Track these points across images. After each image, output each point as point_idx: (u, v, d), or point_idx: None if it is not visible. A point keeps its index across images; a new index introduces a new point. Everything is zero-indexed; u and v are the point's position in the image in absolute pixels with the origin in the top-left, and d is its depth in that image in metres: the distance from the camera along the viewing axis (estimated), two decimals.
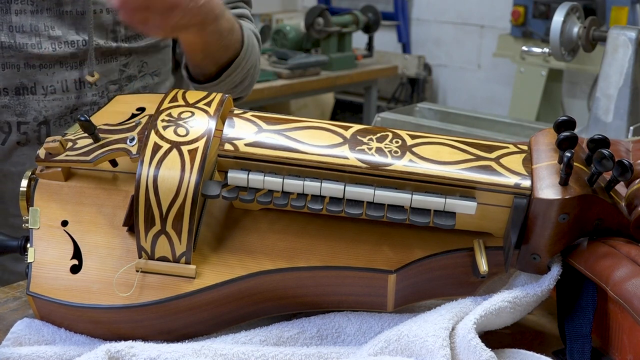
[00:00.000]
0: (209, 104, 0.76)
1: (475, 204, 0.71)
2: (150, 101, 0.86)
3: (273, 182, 0.72)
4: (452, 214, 0.71)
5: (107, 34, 1.09)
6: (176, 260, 0.72)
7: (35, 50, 1.04)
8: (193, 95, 0.77)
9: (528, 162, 0.72)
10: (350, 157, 0.72)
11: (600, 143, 0.70)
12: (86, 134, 0.77)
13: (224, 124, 0.75)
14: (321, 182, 0.72)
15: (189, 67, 1.15)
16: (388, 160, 0.72)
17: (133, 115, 0.83)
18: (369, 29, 3.64)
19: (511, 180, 0.70)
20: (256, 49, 1.20)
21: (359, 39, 3.85)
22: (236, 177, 0.72)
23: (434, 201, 0.71)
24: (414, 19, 4.39)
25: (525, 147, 0.75)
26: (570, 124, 0.73)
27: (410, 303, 0.76)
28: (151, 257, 0.72)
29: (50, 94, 1.06)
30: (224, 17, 1.04)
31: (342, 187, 0.72)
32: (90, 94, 1.09)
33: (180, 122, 0.73)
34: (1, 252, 0.80)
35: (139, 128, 0.76)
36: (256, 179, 0.72)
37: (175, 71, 1.28)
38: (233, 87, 1.17)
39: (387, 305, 0.75)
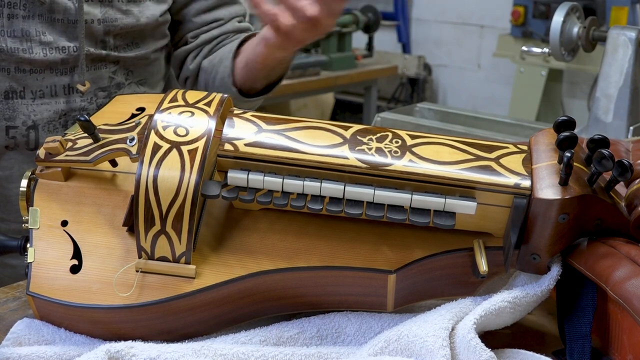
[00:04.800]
0: (208, 104, 0.76)
1: (475, 204, 0.71)
2: (150, 101, 0.86)
3: (273, 182, 0.72)
4: (452, 214, 0.71)
5: (96, 43, 1.09)
6: (176, 260, 0.72)
7: (26, 55, 1.04)
8: (193, 95, 0.77)
9: (528, 162, 0.72)
10: (350, 157, 0.72)
11: (600, 143, 0.70)
12: (86, 134, 0.77)
13: (223, 124, 0.75)
14: (321, 182, 0.72)
15: (238, 81, 1.17)
16: (388, 160, 0.72)
17: (133, 115, 0.83)
18: (369, 29, 3.64)
19: (511, 180, 0.70)
20: None
21: (359, 39, 3.85)
22: (236, 177, 0.72)
23: (433, 201, 0.71)
24: (414, 19, 4.39)
25: (525, 147, 0.75)
26: (570, 124, 0.73)
27: (410, 303, 0.76)
28: (151, 257, 0.72)
29: (39, 99, 1.06)
30: None
31: (342, 187, 0.72)
32: (79, 99, 1.09)
33: (180, 122, 0.73)
34: (1, 252, 0.80)
35: (138, 128, 0.76)
36: (256, 179, 0.72)
37: (166, 86, 1.28)
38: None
39: (387, 305, 0.75)
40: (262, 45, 1.09)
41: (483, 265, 0.71)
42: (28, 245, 0.75)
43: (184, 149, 0.72)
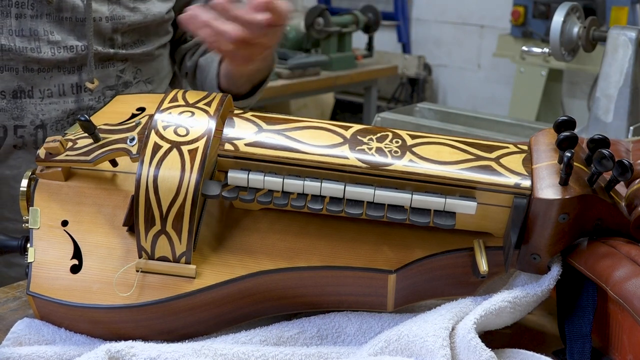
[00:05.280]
0: (209, 104, 0.76)
1: (475, 204, 0.71)
2: (150, 101, 0.86)
3: (273, 182, 0.72)
4: (452, 214, 0.71)
5: (104, 41, 1.09)
6: (176, 260, 0.72)
7: (35, 54, 1.04)
8: (193, 95, 0.77)
9: (528, 162, 0.72)
10: (351, 157, 0.72)
11: (600, 143, 0.70)
12: (86, 134, 0.77)
13: (224, 123, 0.75)
14: (321, 182, 0.72)
15: (222, 86, 1.16)
16: (388, 160, 0.72)
17: (133, 115, 0.83)
18: (369, 29, 3.64)
19: (511, 180, 0.70)
20: None
21: (359, 39, 3.85)
22: (236, 177, 0.72)
23: (434, 201, 0.71)
24: (414, 19, 4.39)
25: (525, 147, 0.75)
26: (570, 124, 0.73)
27: (410, 303, 0.76)
28: (151, 257, 0.72)
29: (47, 98, 1.07)
30: None
31: (342, 187, 0.72)
32: (87, 98, 1.09)
33: (181, 122, 0.73)
34: (1, 252, 0.80)
35: (139, 128, 0.76)
36: (256, 179, 0.72)
37: (172, 82, 1.28)
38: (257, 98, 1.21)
39: (387, 305, 0.75)
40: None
41: (483, 265, 0.71)
42: (28, 245, 0.75)
43: (184, 148, 0.72)
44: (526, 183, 0.70)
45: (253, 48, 0.93)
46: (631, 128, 1.44)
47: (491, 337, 0.69)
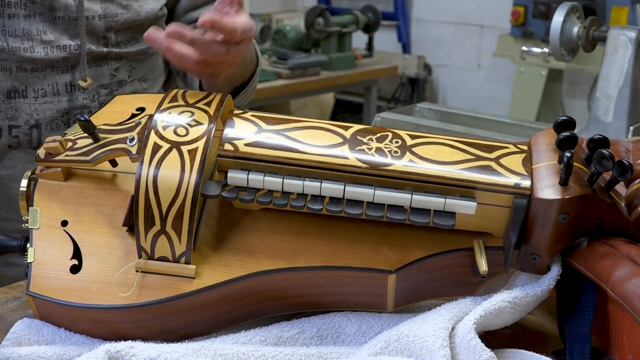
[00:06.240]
0: (208, 104, 0.76)
1: (475, 204, 0.71)
2: (150, 101, 0.86)
3: (273, 182, 0.72)
4: (451, 214, 0.71)
5: (98, 40, 1.09)
6: (176, 260, 0.72)
7: (28, 54, 1.04)
8: (193, 95, 0.77)
9: (528, 162, 0.72)
10: (350, 157, 0.72)
11: (600, 143, 0.70)
12: (86, 134, 0.77)
13: (223, 123, 0.75)
14: (321, 182, 0.72)
15: (203, 87, 1.15)
16: (388, 160, 0.72)
17: (133, 115, 0.83)
18: (369, 29, 3.64)
19: (511, 180, 0.70)
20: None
21: (359, 39, 3.85)
22: (236, 177, 0.72)
23: (433, 201, 0.71)
24: (414, 19, 4.39)
25: (525, 147, 0.75)
26: (570, 124, 0.73)
27: (410, 303, 0.76)
28: (151, 257, 0.72)
29: (41, 97, 1.07)
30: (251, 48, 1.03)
31: (342, 187, 0.72)
32: (82, 97, 1.09)
33: (180, 122, 0.73)
34: (1, 252, 0.80)
35: (138, 128, 0.76)
36: (256, 179, 0.72)
37: (167, 80, 1.28)
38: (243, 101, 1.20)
39: (387, 305, 0.75)
40: None
41: (483, 265, 0.71)
42: (28, 245, 0.75)
43: (184, 149, 0.72)
44: (526, 183, 0.70)
45: (217, 67, 0.91)
46: (631, 128, 1.44)
47: (491, 337, 0.69)
